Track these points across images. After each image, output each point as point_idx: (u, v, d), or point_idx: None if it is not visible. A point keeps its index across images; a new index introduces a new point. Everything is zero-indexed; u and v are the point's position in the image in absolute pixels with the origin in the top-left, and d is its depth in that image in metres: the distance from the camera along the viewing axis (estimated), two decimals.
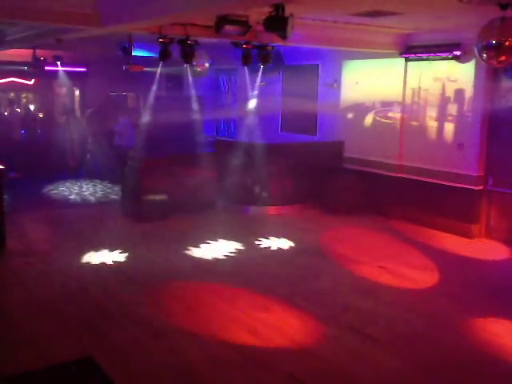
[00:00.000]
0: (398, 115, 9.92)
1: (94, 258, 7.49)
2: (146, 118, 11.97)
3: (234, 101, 14.23)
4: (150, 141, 11.10)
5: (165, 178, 9.54)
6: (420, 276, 7.11)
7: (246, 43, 8.42)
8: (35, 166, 12.91)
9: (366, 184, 10.16)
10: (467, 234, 8.77)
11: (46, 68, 13.22)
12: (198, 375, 4.60)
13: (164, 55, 8.33)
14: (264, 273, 7.15)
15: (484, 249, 8.39)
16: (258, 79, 12.16)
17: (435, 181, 9.24)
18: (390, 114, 10.07)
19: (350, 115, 10.75)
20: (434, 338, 5.33)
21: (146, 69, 11.21)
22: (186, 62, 8.56)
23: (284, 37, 5.91)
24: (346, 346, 5.13)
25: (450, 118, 9.01)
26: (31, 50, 12.04)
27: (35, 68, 12.80)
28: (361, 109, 10.53)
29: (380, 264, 7.49)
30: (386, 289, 6.65)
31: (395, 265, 7.45)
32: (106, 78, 14.80)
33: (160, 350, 4.97)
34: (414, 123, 9.66)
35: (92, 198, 11.42)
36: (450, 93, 8.96)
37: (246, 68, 10.25)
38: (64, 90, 15.84)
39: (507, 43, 5.57)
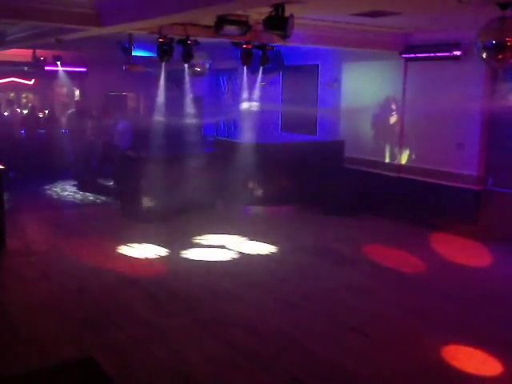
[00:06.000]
0: (397, 115, 9.93)
1: (93, 257, 7.49)
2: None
3: (234, 101, 14.23)
4: (150, 140, 11.11)
5: (164, 178, 9.52)
6: (420, 276, 7.11)
7: (246, 43, 8.42)
8: (35, 165, 12.90)
9: (365, 184, 10.15)
10: (467, 234, 8.76)
11: (46, 68, 13.23)
12: (197, 375, 4.60)
13: (164, 55, 8.32)
14: (264, 273, 7.15)
15: (483, 249, 8.39)
16: (258, 79, 12.17)
17: (435, 181, 9.24)
18: (389, 114, 10.07)
19: (350, 115, 10.74)
20: (434, 337, 5.33)
21: (146, 69, 11.21)
22: (186, 62, 8.56)
23: (284, 37, 5.91)
24: (346, 346, 5.13)
25: (450, 117, 9.00)
26: (31, 50, 12.05)
27: (35, 68, 12.81)
28: (361, 109, 10.52)
29: (380, 264, 7.49)
30: (386, 289, 6.65)
31: (395, 265, 7.45)
32: (105, 77, 14.81)
33: (160, 349, 4.98)
34: (414, 123, 9.66)
35: (92, 198, 11.41)
36: (449, 93, 8.93)
37: (245, 68, 10.26)
38: (64, 90, 15.86)
39: (507, 43, 5.57)
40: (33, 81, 15.29)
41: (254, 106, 12.41)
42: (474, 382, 4.64)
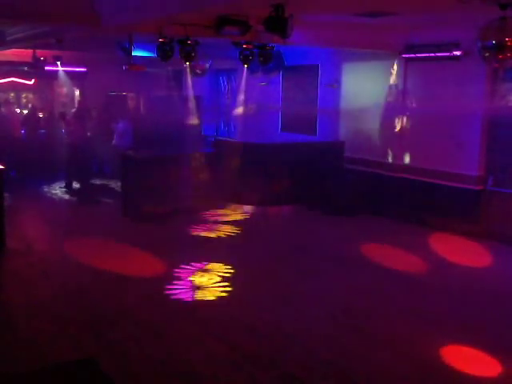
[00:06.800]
0: (397, 115, 9.92)
1: (94, 257, 7.48)
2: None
3: (234, 101, 14.24)
4: (149, 140, 11.12)
5: (164, 178, 9.53)
6: (421, 276, 7.11)
7: (246, 43, 8.42)
8: (35, 165, 12.89)
9: (365, 184, 10.15)
10: (467, 234, 8.76)
11: (46, 68, 13.21)
12: (198, 375, 4.60)
13: (164, 55, 8.31)
14: (264, 273, 7.15)
15: (483, 249, 8.38)
16: (259, 79, 12.18)
17: (435, 181, 9.24)
18: (389, 114, 10.07)
19: (350, 115, 10.74)
20: (434, 338, 5.33)
21: (146, 69, 11.20)
22: (186, 62, 8.56)
23: (284, 37, 5.91)
24: (346, 346, 5.13)
25: (450, 117, 8.99)
26: (31, 50, 12.04)
27: (35, 68, 12.80)
28: (361, 109, 10.52)
29: (380, 264, 7.49)
30: (387, 289, 6.65)
31: (395, 265, 7.45)
32: (105, 77, 14.80)
33: (160, 349, 4.98)
34: (414, 123, 9.66)
35: (92, 198, 11.39)
36: (449, 93, 8.94)
37: (246, 68, 10.27)
38: (64, 90, 15.86)
39: (507, 43, 5.56)
40: (33, 81, 15.28)
41: (254, 106, 12.43)
42: (474, 383, 4.64)
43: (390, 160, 10.06)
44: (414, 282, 6.92)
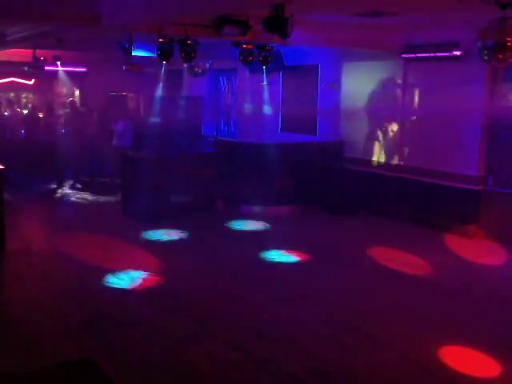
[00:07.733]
0: (397, 115, 9.92)
1: (94, 257, 7.48)
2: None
3: (234, 101, 14.25)
4: (149, 140, 11.11)
5: (164, 177, 9.53)
6: (419, 276, 7.11)
7: (246, 43, 8.42)
8: (35, 165, 12.90)
9: (365, 184, 10.15)
10: (467, 234, 8.76)
11: (46, 68, 13.21)
12: (198, 375, 4.60)
13: (165, 55, 8.31)
14: (264, 273, 7.15)
15: (483, 249, 8.38)
16: (259, 79, 12.19)
17: (435, 181, 9.24)
18: (389, 114, 10.07)
19: (349, 115, 10.74)
20: (434, 338, 5.33)
21: (146, 69, 11.21)
22: (186, 62, 8.56)
23: (284, 37, 5.91)
24: (347, 346, 5.13)
25: (450, 118, 9.00)
26: (31, 50, 12.03)
27: (35, 68, 12.80)
28: (361, 109, 10.52)
29: (380, 264, 7.49)
30: (387, 289, 6.65)
31: (395, 265, 7.45)
32: (105, 77, 14.80)
33: (160, 349, 4.98)
34: (414, 123, 9.67)
35: (92, 198, 11.41)
36: (449, 93, 8.94)
37: (246, 68, 10.26)
38: (64, 90, 15.86)
39: (507, 43, 5.57)
40: (33, 81, 15.30)
41: (254, 106, 12.44)
42: (474, 383, 4.64)
43: (390, 160, 10.06)
44: (415, 281, 6.92)
